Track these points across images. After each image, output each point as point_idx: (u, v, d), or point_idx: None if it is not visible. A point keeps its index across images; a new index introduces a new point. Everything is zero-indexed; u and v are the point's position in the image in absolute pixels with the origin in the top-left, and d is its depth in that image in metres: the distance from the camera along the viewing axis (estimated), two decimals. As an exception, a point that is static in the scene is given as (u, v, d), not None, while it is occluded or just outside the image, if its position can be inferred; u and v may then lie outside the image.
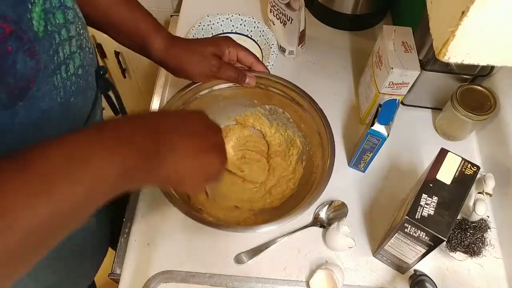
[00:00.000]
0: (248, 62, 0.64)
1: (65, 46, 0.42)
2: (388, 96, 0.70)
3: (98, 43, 1.17)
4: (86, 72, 0.49)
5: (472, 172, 0.54)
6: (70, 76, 0.44)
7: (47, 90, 0.40)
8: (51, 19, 0.39)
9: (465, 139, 0.77)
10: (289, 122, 0.70)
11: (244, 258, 0.63)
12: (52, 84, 0.41)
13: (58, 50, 0.41)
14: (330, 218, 0.67)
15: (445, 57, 0.29)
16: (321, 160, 0.62)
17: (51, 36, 0.40)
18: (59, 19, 0.41)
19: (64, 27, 0.42)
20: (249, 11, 0.90)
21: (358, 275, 0.63)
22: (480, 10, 0.26)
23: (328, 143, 0.61)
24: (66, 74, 0.43)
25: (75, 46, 0.45)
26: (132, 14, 0.58)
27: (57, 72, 0.42)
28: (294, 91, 0.65)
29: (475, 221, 0.64)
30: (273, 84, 0.66)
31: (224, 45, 0.62)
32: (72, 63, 0.44)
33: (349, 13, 0.88)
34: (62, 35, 0.42)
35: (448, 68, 0.72)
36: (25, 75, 0.37)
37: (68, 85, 0.44)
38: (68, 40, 0.43)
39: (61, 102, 0.43)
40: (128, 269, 0.62)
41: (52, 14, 0.40)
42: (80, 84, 0.47)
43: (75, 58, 0.45)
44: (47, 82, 0.40)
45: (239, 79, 0.63)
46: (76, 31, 0.45)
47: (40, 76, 0.39)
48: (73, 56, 0.45)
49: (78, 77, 0.46)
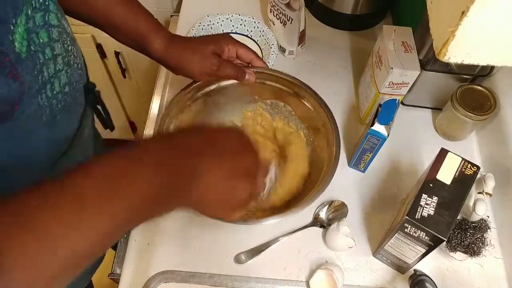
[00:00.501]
0: (248, 59, 0.65)
1: (49, 65, 0.42)
2: (388, 96, 0.70)
3: (98, 43, 1.17)
4: (73, 89, 0.48)
5: (472, 172, 0.54)
6: (56, 94, 0.43)
7: (32, 111, 0.40)
8: (35, 39, 0.38)
9: (465, 139, 0.77)
10: (291, 115, 0.71)
11: (244, 258, 0.63)
12: (37, 104, 0.40)
13: (43, 70, 0.40)
14: (330, 218, 0.67)
15: (445, 57, 0.29)
16: (326, 151, 0.62)
17: (35, 56, 0.39)
18: (43, 38, 0.40)
19: (48, 46, 0.41)
20: (249, 11, 0.90)
21: (358, 275, 0.63)
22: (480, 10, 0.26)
23: (333, 132, 0.61)
24: (52, 92, 0.42)
25: (61, 64, 0.44)
26: (131, 14, 0.58)
27: (42, 92, 0.41)
28: (294, 84, 0.66)
29: (475, 221, 0.64)
30: (273, 78, 0.67)
31: (223, 43, 0.62)
32: (57, 81, 0.43)
33: (349, 13, 0.88)
34: (47, 54, 0.41)
35: (448, 68, 0.72)
36: (10, 99, 0.36)
37: (54, 104, 0.43)
38: (53, 59, 0.42)
39: (46, 121, 0.43)
40: (128, 269, 0.62)
41: (35, 34, 0.39)
42: (67, 102, 0.46)
43: (61, 76, 0.44)
44: (32, 103, 0.39)
45: (239, 76, 0.63)
46: (63, 47, 0.44)
47: (24, 99, 0.38)
48: (59, 74, 0.44)
49: (65, 94, 0.45)
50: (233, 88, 0.67)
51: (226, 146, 0.41)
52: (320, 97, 0.65)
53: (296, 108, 0.69)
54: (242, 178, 0.41)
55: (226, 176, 0.39)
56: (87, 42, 1.15)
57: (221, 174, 0.39)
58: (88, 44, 1.15)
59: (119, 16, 0.57)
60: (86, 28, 0.59)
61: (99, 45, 1.18)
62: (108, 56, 1.22)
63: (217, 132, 0.43)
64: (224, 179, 0.39)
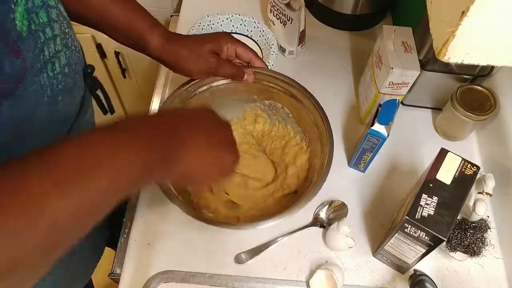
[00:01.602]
0: (247, 58, 0.64)
1: (50, 44, 0.42)
2: (388, 96, 0.70)
3: (98, 43, 1.17)
4: (73, 70, 0.48)
5: (472, 172, 0.54)
6: (56, 74, 0.44)
7: (34, 90, 0.40)
8: (34, 18, 0.39)
9: (465, 139, 0.77)
10: (289, 118, 0.70)
11: (244, 258, 0.63)
12: (39, 83, 0.41)
13: (44, 49, 0.41)
14: (330, 218, 0.67)
15: (445, 57, 0.29)
16: (320, 155, 0.62)
17: (36, 35, 0.40)
18: (43, 18, 0.41)
19: (48, 25, 0.42)
20: (249, 11, 0.90)
21: (358, 275, 0.63)
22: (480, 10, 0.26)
23: (327, 137, 0.61)
24: (53, 72, 0.43)
25: (60, 45, 0.45)
26: (127, 12, 0.58)
27: (43, 71, 0.42)
28: (292, 86, 0.66)
29: (475, 221, 0.64)
30: (272, 79, 0.66)
31: (222, 42, 0.61)
32: (58, 61, 0.44)
33: (349, 13, 0.88)
34: (47, 34, 0.42)
35: (448, 68, 0.72)
36: (14, 76, 0.37)
37: (54, 84, 0.44)
38: (53, 39, 0.43)
39: (48, 101, 0.43)
40: (128, 269, 0.62)
41: (35, 14, 0.40)
42: (67, 83, 0.47)
43: (61, 57, 0.45)
44: (34, 82, 0.40)
45: (237, 75, 0.63)
46: (61, 29, 0.45)
47: (27, 76, 0.39)
48: (59, 54, 0.45)
49: (65, 75, 0.46)
50: (232, 87, 0.67)
51: (202, 121, 0.44)
52: (316, 100, 0.64)
53: (293, 110, 0.69)
54: (223, 147, 0.44)
55: (207, 147, 0.42)
56: (87, 42, 1.15)
57: (202, 146, 0.41)
58: (88, 44, 1.15)
59: (115, 15, 0.57)
60: (86, 28, 0.59)
61: (99, 45, 1.18)
62: (108, 56, 1.22)
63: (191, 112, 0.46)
64: (205, 150, 0.42)
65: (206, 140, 0.42)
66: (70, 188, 0.29)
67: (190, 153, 0.40)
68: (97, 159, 0.31)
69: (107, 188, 0.32)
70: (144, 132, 0.36)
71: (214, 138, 0.43)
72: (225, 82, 0.66)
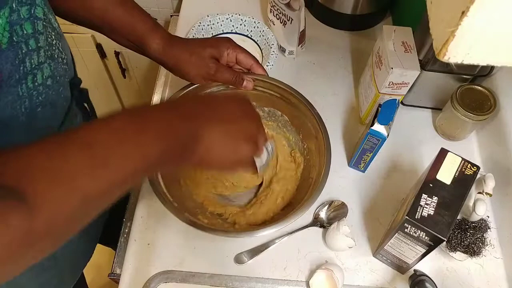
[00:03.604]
0: (248, 65, 0.63)
1: (33, 56, 0.42)
2: (388, 96, 0.70)
3: (98, 43, 1.17)
4: (57, 82, 0.48)
5: (472, 172, 0.54)
6: (37, 86, 0.44)
7: (9, 100, 0.41)
8: (18, 30, 0.40)
9: (465, 139, 0.77)
10: (288, 125, 0.70)
11: (244, 258, 0.63)
12: (16, 94, 0.41)
13: (25, 60, 0.41)
14: (330, 218, 0.67)
15: (445, 57, 0.29)
16: (318, 165, 0.62)
17: (17, 46, 0.40)
18: (27, 30, 0.41)
19: (33, 37, 0.42)
20: (249, 11, 0.90)
21: (358, 275, 0.63)
22: (480, 10, 0.26)
23: (325, 148, 0.61)
24: (33, 84, 0.43)
25: (44, 57, 0.44)
26: (128, 15, 0.58)
27: (23, 82, 0.42)
28: (292, 94, 0.65)
29: (475, 221, 0.64)
30: (272, 87, 0.66)
31: (223, 47, 0.61)
32: (40, 73, 0.44)
33: (349, 13, 0.88)
34: (30, 45, 0.42)
35: (448, 68, 0.72)
36: None
37: (34, 95, 0.44)
38: (37, 50, 0.43)
39: (25, 112, 0.43)
40: (128, 269, 0.62)
41: (19, 26, 0.40)
42: (48, 95, 0.46)
43: (44, 69, 0.45)
44: (10, 92, 0.40)
45: (237, 82, 0.62)
46: (47, 41, 0.45)
47: (3, 87, 0.39)
48: (42, 66, 0.44)
49: (47, 87, 0.46)
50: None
51: (227, 110, 0.44)
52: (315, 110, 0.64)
53: (293, 118, 0.68)
54: (242, 140, 0.44)
55: (227, 137, 0.43)
56: (87, 42, 1.15)
57: (223, 135, 0.42)
58: (88, 44, 1.15)
59: (116, 17, 0.57)
60: (86, 28, 0.59)
61: (99, 45, 1.18)
62: (108, 56, 1.22)
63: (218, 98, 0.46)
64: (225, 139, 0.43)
65: (227, 130, 0.43)
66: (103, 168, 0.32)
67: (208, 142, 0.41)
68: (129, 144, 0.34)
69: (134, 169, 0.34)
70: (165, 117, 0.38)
71: (236, 129, 0.44)
72: (224, 87, 0.66)
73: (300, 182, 0.67)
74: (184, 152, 0.40)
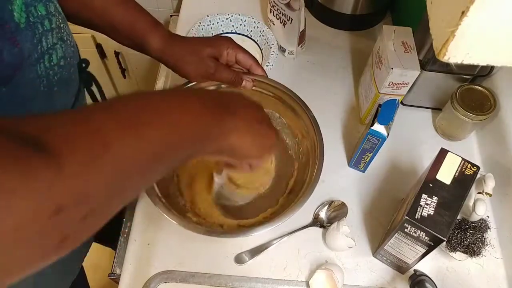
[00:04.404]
0: (247, 65, 0.63)
1: (48, 36, 0.44)
2: (388, 96, 0.70)
3: (98, 43, 1.17)
4: (68, 63, 0.50)
5: (472, 172, 0.54)
6: (53, 66, 0.46)
7: (31, 78, 0.42)
8: (33, 11, 0.41)
9: (465, 139, 0.77)
10: (285, 128, 0.70)
11: (244, 258, 0.63)
12: (36, 73, 0.43)
13: (42, 40, 0.43)
14: (330, 218, 0.67)
15: (445, 57, 0.29)
16: (312, 167, 0.61)
17: (34, 26, 0.41)
18: (41, 11, 0.43)
19: (46, 18, 0.44)
20: (249, 11, 0.90)
21: (358, 275, 0.63)
22: (480, 10, 0.26)
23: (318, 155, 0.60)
24: (50, 63, 0.45)
25: (56, 38, 0.46)
26: (129, 14, 0.58)
27: (41, 61, 0.43)
28: (290, 97, 0.65)
29: (475, 221, 0.64)
30: (270, 88, 0.66)
31: (222, 46, 0.61)
32: (55, 53, 0.46)
33: (349, 13, 0.88)
34: (45, 26, 0.43)
35: (448, 68, 0.72)
36: (11, 63, 0.38)
37: (51, 75, 0.45)
38: (51, 31, 0.45)
39: (44, 91, 0.45)
40: (128, 269, 0.62)
41: (33, 7, 0.41)
42: (62, 75, 0.48)
43: (58, 49, 0.46)
44: (31, 71, 0.42)
45: (236, 82, 0.62)
46: (57, 24, 0.46)
47: (24, 64, 0.40)
48: (55, 46, 0.46)
49: (61, 67, 0.47)
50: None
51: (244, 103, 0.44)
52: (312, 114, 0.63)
53: (291, 122, 0.68)
54: (264, 123, 0.45)
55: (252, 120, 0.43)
56: (87, 42, 1.15)
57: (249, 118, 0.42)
58: (88, 44, 1.16)
59: (116, 16, 0.58)
60: (86, 28, 0.59)
61: (99, 45, 1.18)
62: (108, 56, 1.22)
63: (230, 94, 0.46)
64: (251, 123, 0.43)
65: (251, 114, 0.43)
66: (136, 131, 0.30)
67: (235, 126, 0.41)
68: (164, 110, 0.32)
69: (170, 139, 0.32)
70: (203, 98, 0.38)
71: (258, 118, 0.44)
72: (223, 87, 0.65)
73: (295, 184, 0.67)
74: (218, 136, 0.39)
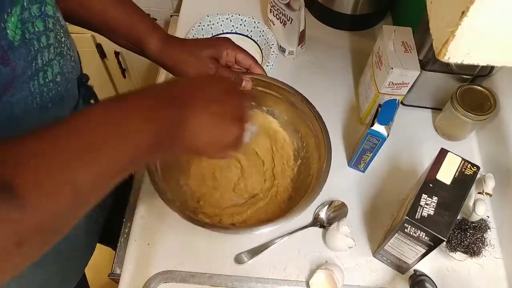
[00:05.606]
0: (247, 65, 0.63)
1: (44, 53, 0.43)
2: (388, 96, 0.70)
3: (98, 43, 1.17)
4: (65, 79, 0.49)
5: (472, 172, 0.54)
6: (47, 82, 0.45)
7: (23, 96, 0.41)
8: (30, 28, 0.40)
9: (465, 139, 0.77)
10: (287, 124, 0.70)
11: (244, 258, 0.63)
12: (28, 90, 0.42)
13: (37, 57, 0.42)
14: (330, 218, 0.67)
15: (445, 57, 0.29)
16: (318, 164, 0.62)
17: (29, 43, 0.40)
18: (39, 27, 0.42)
19: (44, 34, 0.43)
20: (249, 11, 0.90)
21: (358, 275, 0.63)
22: (480, 10, 0.26)
23: (325, 146, 0.61)
24: (44, 80, 0.44)
25: (53, 53, 0.45)
26: (127, 15, 0.58)
27: (34, 79, 0.42)
28: (291, 93, 0.65)
29: (475, 221, 0.64)
30: (271, 86, 0.66)
31: (222, 47, 0.61)
32: (50, 69, 0.45)
33: (349, 13, 0.88)
34: (42, 42, 0.42)
35: (448, 68, 0.72)
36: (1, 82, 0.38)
37: (45, 92, 0.45)
38: (47, 47, 0.44)
39: (36, 108, 0.44)
40: (128, 269, 0.62)
41: (31, 23, 0.40)
42: (58, 91, 0.47)
43: (54, 65, 0.45)
44: (23, 88, 0.41)
45: (236, 82, 0.62)
46: (56, 38, 0.45)
47: (16, 82, 0.39)
48: (52, 63, 0.45)
49: (56, 84, 0.46)
50: None
51: (210, 92, 0.43)
52: (315, 109, 0.63)
53: (292, 117, 0.68)
54: (229, 122, 0.44)
55: (213, 121, 0.42)
56: (87, 42, 1.15)
57: (208, 119, 0.41)
58: (88, 44, 1.15)
59: (114, 17, 0.57)
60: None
61: (99, 45, 1.18)
62: (108, 56, 1.22)
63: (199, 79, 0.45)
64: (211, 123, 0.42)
65: (213, 112, 0.42)
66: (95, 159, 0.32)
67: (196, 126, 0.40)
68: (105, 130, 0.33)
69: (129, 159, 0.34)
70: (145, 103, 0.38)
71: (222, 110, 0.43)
72: None
73: (299, 181, 0.67)
74: (172, 138, 0.39)
